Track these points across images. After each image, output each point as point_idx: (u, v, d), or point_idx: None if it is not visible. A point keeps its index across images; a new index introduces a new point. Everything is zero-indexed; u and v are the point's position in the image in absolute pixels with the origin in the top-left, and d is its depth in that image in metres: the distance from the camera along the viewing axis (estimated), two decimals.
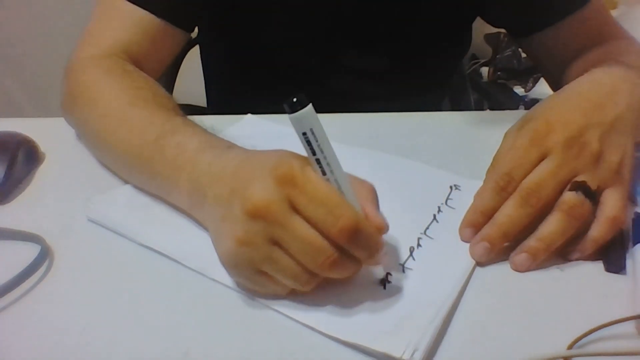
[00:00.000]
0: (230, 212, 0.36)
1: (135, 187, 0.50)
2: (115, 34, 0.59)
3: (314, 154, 0.34)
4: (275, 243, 0.35)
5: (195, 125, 0.47)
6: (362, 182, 0.38)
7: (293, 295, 0.38)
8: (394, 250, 0.43)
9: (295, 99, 0.33)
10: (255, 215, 0.35)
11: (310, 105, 0.33)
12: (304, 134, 0.34)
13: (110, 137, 0.50)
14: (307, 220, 0.34)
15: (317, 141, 0.34)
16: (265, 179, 0.35)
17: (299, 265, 0.35)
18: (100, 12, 0.61)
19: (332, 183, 0.35)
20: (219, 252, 0.38)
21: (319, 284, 0.37)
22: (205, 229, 0.42)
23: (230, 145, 0.43)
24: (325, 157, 0.34)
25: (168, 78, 0.98)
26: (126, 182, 0.51)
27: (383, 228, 0.37)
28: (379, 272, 0.40)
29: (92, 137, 0.54)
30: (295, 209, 0.35)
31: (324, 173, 0.35)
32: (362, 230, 0.35)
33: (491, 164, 0.47)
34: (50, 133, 0.59)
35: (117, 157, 0.51)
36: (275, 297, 0.38)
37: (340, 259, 0.35)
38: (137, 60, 0.59)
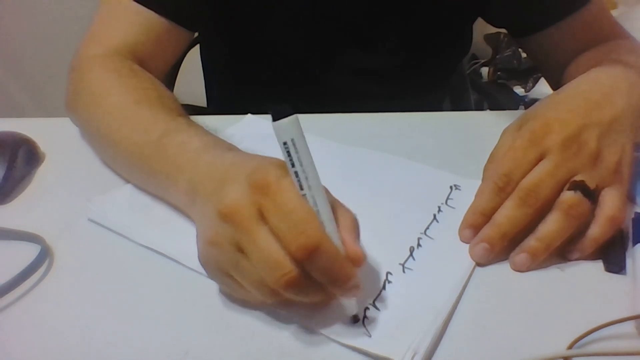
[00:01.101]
0: (207, 211, 0.36)
1: (136, 187, 0.50)
2: (120, 34, 0.59)
3: (292, 165, 0.33)
4: (240, 249, 0.34)
5: (198, 126, 0.47)
6: (346, 210, 0.37)
7: (263, 304, 0.37)
8: (394, 250, 0.43)
9: (280, 109, 0.33)
10: (224, 217, 0.34)
11: (295, 117, 0.33)
12: (285, 143, 0.33)
13: (114, 134, 0.50)
14: (272, 231, 0.33)
15: (297, 153, 0.33)
16: (240, 183, 0.35)
17: (261, 277, 0.34)
18: (105, 11, 0.62)
19: (308, 199, 0.33)
20: (197, 249, 0.38)
21: (288, 301, 0.35)
22: None
23: (231, 148, 0.43)
24: (304, 171, 0.33)
25: (168, 78, 0.98)
26: (127, 180, 0.51)
27: (358, 259, 0.34)
28: (350, 307, 0.36)
29: (95, 134, 0.54)
30: (262, 218, 0.33)
31: (301, 188, 0.33)
32: (324, 252, 0.32)
33: (488, 160, 0.47)
34: (50, 133, 0.59)
35: (119, 155, 0.51)
36: (247, 304, 0.37)
37: (298, 279, 0.33)
38: (141, 59, 0.59)
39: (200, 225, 0.39)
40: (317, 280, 0.33)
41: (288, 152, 0.33)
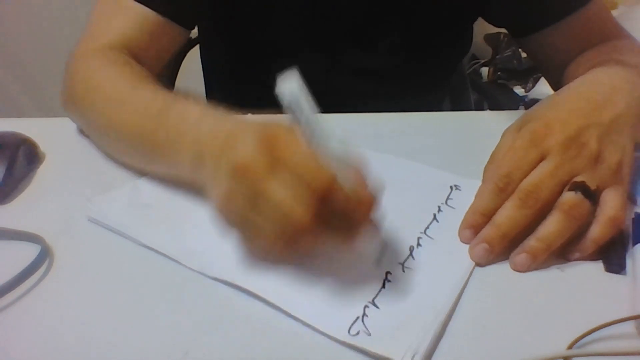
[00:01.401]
0: (218, 169, 0.38)
1: (136, 186, 0.50)
2: (115, 30, 0.60)
3: (297, 117, 0.34)
4: (255, 203, 0.35)
5: (195, 99, 0.48)
6: (352, 162, 0.37)
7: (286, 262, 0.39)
8: (394, 250, 0.43)
9: (284, 73, 0.34)
10: (237, 172, 0.36)
11: (297, 78, 0.34)
12: (289, 102, 0.34)
13: (114, 119, 0.51)
14: (284, 182, 0.35)
15: (302, 110, 0.34)
16: (251, 139, 0.36)
17: (274, 229, 0.35)
18: (101, 9, 0.62)
19: (314, 147, 0.35)
20: (213, 208, 0.39)
21: (309, 247, 0.37)
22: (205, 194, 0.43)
23: (230, 114, 0.44)
24: (308, 122, 0.34)
25: (168, 78, 0.98)
26: (130, 166, 0.52)
27: (370, 202, 0.36)
28: (370, 252, 0.38)
29: (95, 122, 0.55)
30: (274, 170, 0.35)
31: (307, 138, 0.35)
32: (337, 193, 0.34)
33: (488, 161, 0.47)
34: (50, 133, 0.59)
35: (121, 138, 0.51)
36: (266, 257, 0.39)
37: (310, 226, 0.34)
38: (136, 55, 0.59)
39: (212, 186, 0.40)
40: (329, 229, 0.36)
41: (293, 109, 0.34)
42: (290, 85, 0.34)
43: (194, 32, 0.78)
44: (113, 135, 0.53)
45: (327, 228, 0.35)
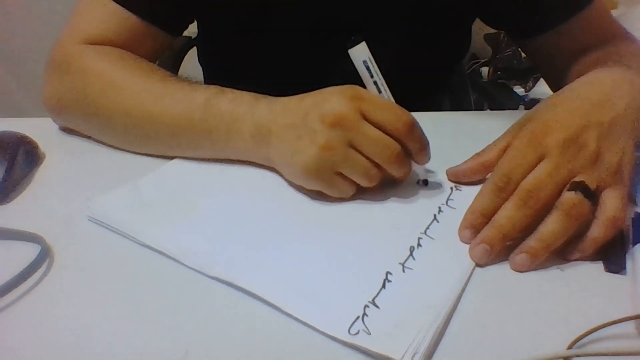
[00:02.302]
0: (309, 129, 0.45)
1: (136, 186, 0.50)
2: (97, 31, 0.60)
3: (371, 77, 0.46)
4: (352, 146, 0.44)
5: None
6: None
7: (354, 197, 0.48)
8: (394, 250, 0.43)
9: (352, 38, 0.45)
10: (334, 124, 0.44)
11: (364, 42, 0.45)
12: (364, 61, 0.46)
13: (150, 110, 0.53)
14: (376, 124, 0.44)
15: (373, 67, 0.46)
16: (338, 97, 0.45)
17: (370, 163, 0.45)
18: (83, 8, 0.62)
19: (387, 99, 0.47)
20: (299, 165, 0.46)
21: (380, 180, 0.47)
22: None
23: (277, 97, 0.50)
24: (380, 80, 0.47)
25: None
26: (164, 154, 0.54)
27: (425, 137, 0.47)
28: (422, 172, 0.50)
29: (120, 117, 0.54)
30: (365, 118, 0.44)
31: (380, 92, 0.47)
32: (417, 126, 0.46)
33: (479, 153, 0.49)
34: (50, 133, 0.59)
35: (160, 128, 0.53)
36: (345, 197, 0.47)
37: (402, 153, 0.45)
38: None
39: (296, 147, 0.46)
40: (407, 156, 0.46)
41: (367, 67, 0.46)
42: (362, 49, 0.45)
43: (194, 32, 0.78)
44: (146, 129, 0.54)
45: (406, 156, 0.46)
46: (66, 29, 0.61)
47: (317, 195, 0.48)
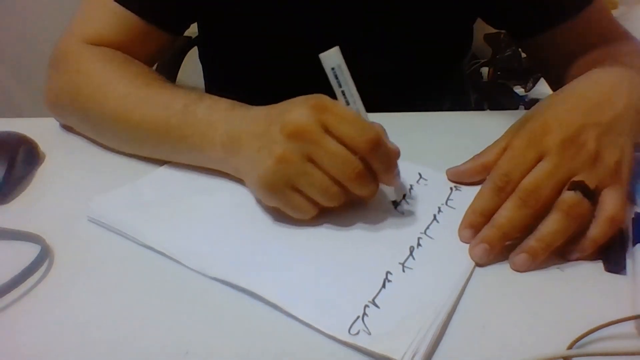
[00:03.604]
0: (269, 139, 0.42)
1: (136, 186, 0.50)
2: (99, 31, 0.60)
3: (340, 86, 0.42)
4: (310, 160, 0.41)
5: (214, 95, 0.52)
6: (373, 122, 0.44)
7: (318, 219, 0.44)
8: (394, 250, 0.43)
9: (327, 45, 0.42)
10: (293, 135, 0.41)
11: (337, 47, 0.42)
12: (332, 69, 0.42)
13: (132, 116, 0.52)
14: (338, 138, 0.41)
15: (343, 76, 0.42)
16: (300, 107, 0.42)
17: (329, 179, 0.42)
18: (86, 8, 0.62)
19: (355, 111, 0.43)
20: (255, 177, 0.43)
21: (344, 201, 0.43)
22: (238, 179, 0.49)
23: (253, 106, 0.48)
24: (349, 90, 0.42)
25: (168, 78, 0.98)
26: (150, 157, 0.54)
27: (397, 152, 0.44)
28: (392, 193, 0.46)
29: (106, 122, 0.55)
30: (327, 131, 0.41)
31: (348, 104, 0.43)
32: (383, 144, 0.42)
33: (480, 153, 0.49)
34: (50, 133, 0.59)
35: (140, 134, 0.53)
36: (304, 218, 0.44)
37: (364, 172, 0.42)
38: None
39: (256, 158, 0.43)
40: (373, 174, 0.43)
41: (336, 75, 0.42)
42: (333, 54, 0.42)
43: (194, 32, 0.78)
44: (129, 134, 0.54)
45: (370, 174, 0.42)
46: (69, 27, 0.62)
47: (279, 216, 0.45)
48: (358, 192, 0.43)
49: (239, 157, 0.46)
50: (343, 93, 0.42)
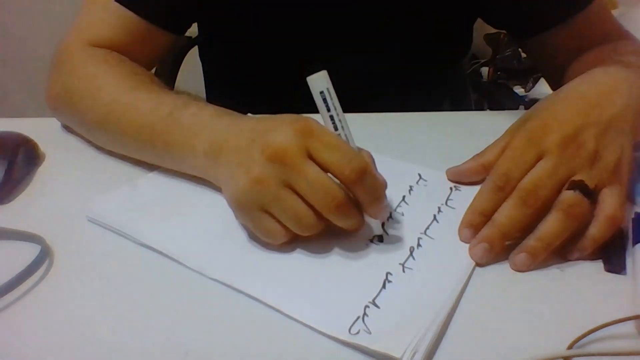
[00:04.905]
0: (249, 157, 0.40)
1: (136, 186, 0.50)
2: (101, 31, 0.60)
3: (328, 110, 0.40)
4: (288, 185, 0.39)
5: (203, 100, 0.49)
6: (362, 149, 0.43)
7: (291, 244, 0.42)
8: (394, 250, 0.43)
9: (314, 67, 0.40)
10: (274, 158, 0.39)
11: (324, 71, 0.40)
12: (321, 92, 0.40)
13: (119, 122, 0.52)
14: (322, 165, 0.39)
15: (331, 99, 0.40)
16: (285, 129, 0.39)
17: (305, 208, 0.39)
18: (89, 9, 0.62)
19: (343, 138, 0.41)
20: (229, 192, 0.42)
21: (318, 231, 0.41)
22: (217, 188, 0.47)
23: (241, 114, 0.48)
24: (337, 116, 0.41)
25: (168, 78, 0.98)
26: (139, 161, 0.53)
27: (384, 184, 0.42)
28: (378, 227, 0.43)
29: (96, 125, 0.55)
30: (310, 157, 0.39)
31: (336, 129, 0.41)
32: (370, 174, 0.39)
33: (479, 153, 0.49)
34: (50, 133, 0.59)
35: (126, 139, 0.52)
36: (274, 243, 0.42)
37: (346, 203, 0.39)
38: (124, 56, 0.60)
39: (233, 173, 0.41)
40: (356, 207, 0.40)
41: (324, 99, 0.40)
42: (321, 78, 0.40)
43: (194, 32, 0.78)
44: (117, 139, 0.54)
45: (353, 205, 0.40)
46: (71, 28, 0.62)
47: (252, 235, 0.43)
48: (340, 224, 0.40)
49: (218, 168, 0.44)
50: (331, 118, 0.40)
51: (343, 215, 0.40)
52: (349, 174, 0.38)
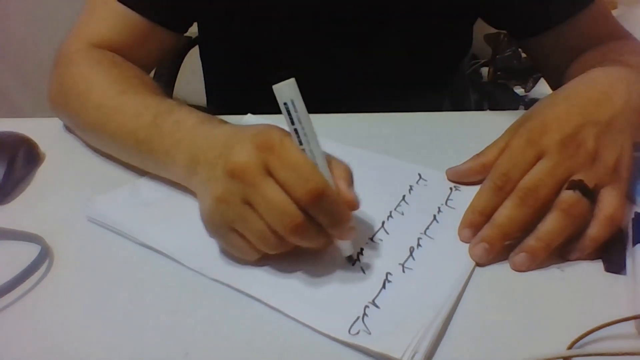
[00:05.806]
0: (214, 173, 0.39)
1: (136, 186, 0.50)
2: (103, 32, 0.60)
3: (292, 123, 0.37)
4: (248, 203, 0.37)
5: (187, 106, 0.50)
6: (339, 162, 0.40)
7: (264, 261, 0.41)
8: (394, 250, 0.43)
9: (280, 74, 0.37)
10: (233, 175, 0.37)
11: (292, 80, 0.36)
12: (285, 104, 0.36)
13: (107, 125, 0.52)
14: (279, 183, 0.37)
15: (296, 112, 0.36)
16: (245, 144, 0.38)
17: (267, 227, 0.37)
18: (90, 10, 0.62)
19: (307, 153, 0.37)
20: (200, 209, 0.41)
21: (287, 250, 0.39)
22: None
23: (224, 121, 0.46)
24: (303, 129, 0.37)
25: (168, 78, 0.98)
26: (127, 163, 0.53)
27: (353, 204, 0.38)
28: (347, 248, 0.40)
29: (87, 128, 0.56)
30: (269, 173, 0.37)
31: (300, 143, 0.37)
32: (328, 196, 0.36)
33: (479, 154, 0.48)
34: (50, 133, 0.59)
35: (114, 144, 0.53)
36: (247, 260, 0.41)
37: (304, 224, 0.37)
38: (125, 57, 0.60)
39: (204, 190, 0.41)
40: (318, 226, 0.37)
41: (288, 111, 0.36)
42: (287, 88, 0.36)
43: (194, 32, 0.78)
44: (106, 142, 0.54)
45: (313, 226, 0.37)
46: (74, 28, 0.62)
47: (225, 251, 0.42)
48: (300, 244, 0.38)
49: (193, 182, 0.44)
50: (295, 131, 0.37)
51: (301, 237, 0.37)
52: (301, 196, 0.36)
